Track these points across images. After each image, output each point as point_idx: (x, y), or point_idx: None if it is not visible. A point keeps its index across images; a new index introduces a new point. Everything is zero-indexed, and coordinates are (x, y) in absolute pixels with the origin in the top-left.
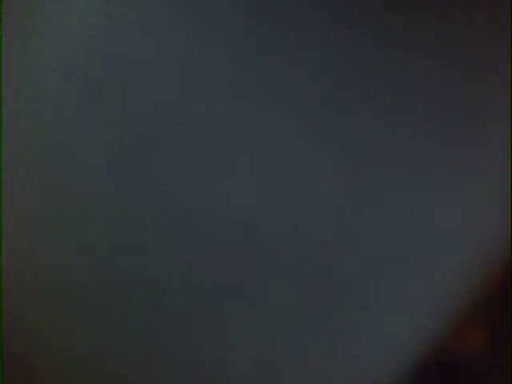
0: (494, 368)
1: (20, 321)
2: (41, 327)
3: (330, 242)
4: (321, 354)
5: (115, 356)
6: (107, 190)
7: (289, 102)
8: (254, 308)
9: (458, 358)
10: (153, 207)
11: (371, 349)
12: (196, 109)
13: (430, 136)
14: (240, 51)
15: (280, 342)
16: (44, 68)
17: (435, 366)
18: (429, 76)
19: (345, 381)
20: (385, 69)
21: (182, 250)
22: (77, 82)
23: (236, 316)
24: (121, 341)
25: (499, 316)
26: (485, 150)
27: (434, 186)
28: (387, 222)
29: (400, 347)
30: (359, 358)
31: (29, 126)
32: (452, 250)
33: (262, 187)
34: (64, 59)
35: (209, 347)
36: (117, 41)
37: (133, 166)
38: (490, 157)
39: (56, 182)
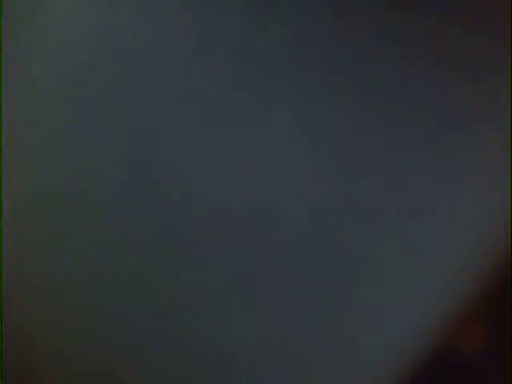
0: (493, 367)
1: (19, 323)
2: (40, 328)
3: (329, 241)
4: (319, 354)
5: (114, 356)
6: (106, 190)
7: (289, 99)
8: (254, 307)
9: (457, 357)
10: (151, 207)
11: (370, 348)
12: (196, 107)
13: (430, 134)
14: (240, 46)
15: (279, 342)
16: (43, 69)
17: (434, 366)
18: (429, 73)
19: (343, 381)
20: (386, 65)
21: (180, 249)
22: (76, 83)
23: (236, 315)
24: (119, 341)
25: (499, 315)
26: (485, 149)
27: (434, 185)
28: (386, 221)
29: (399, 346)
30: (358, 358)
31: (28, 127)
32: (452, 249)
33: (260, 186)
34: (63, 60)
35: (208, 346)
36: (116, 41)
37: (132, 165)
38: (490, 157)
39: (56, 183)
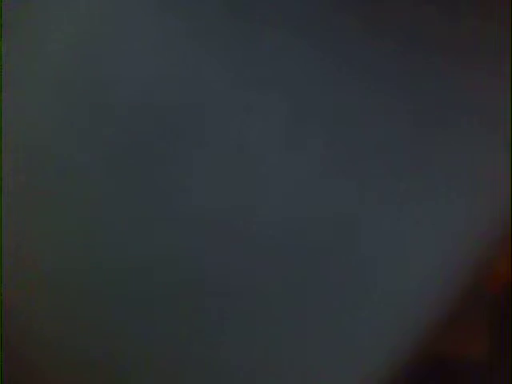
0: (495, 376)
1: (17, 315)
2: (37, 321)
3: (327, 242)
4: (317, 353)
5: (113, 348)
6: (104, 189)
7: (283, 88)
8: (254, 306)
9: (458, 364)
10: (144, 202)
11: (367, 351)
12: (189, 108)
13: (429, 135)
14: (231, 42)
15: (279, 344)
16: (37, 73)
17: (435, 372)
18: (427, 69)
19: (342, 382)
20: (383, 62)
21: (181, 247)
22: (70, 86)
23: (236, 315)
24: (119, 334)
25: (503, 321)
26: (484, 150)
27: (434, 184)
28: (385, 221)
29: (396, 349)
30: (355, 359)
31: (23, 128)
32: (452, 249)
33: (260, 187)
34: (57, 63)
35: (207, 341)
36: (110, 44)
37: (127, 165)
38: (491, 157)
39: (52, 180)
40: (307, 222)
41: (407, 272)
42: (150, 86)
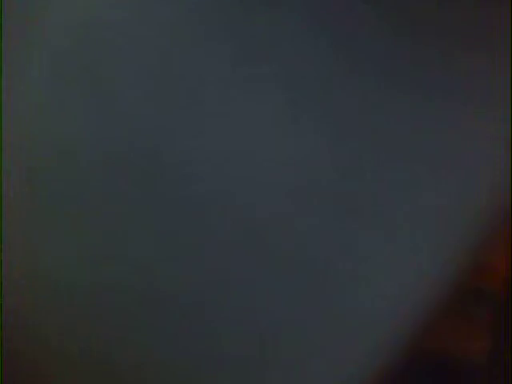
0: (495, 376)
1: (20, 318)
2: (38, 321)
3: (325, 238)
4: (314, 350)
5: (115, 352)
6: (105, 182)
7: (285, 86)
8: (248, 298)
9: (458, 364)
10: (147, 190)
11: (365, 350)
12: (189, 95)
13: (428, 132)
14: (235, 32)
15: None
16: (38, 69)
17: (435, 372)
18: (426, 61)
19: (340, 378)
20: (385, 51)
21: (182, 242)
22: (70, 75)
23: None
24: (121, 336)
25: (503, 321)
26: (485, 146)
27: (434, 182)
28: (381, 215)
29: (394, 348)
30: (351, 359)
31: (22, 120)
32: (451, 247)
33: (256, 172)
34: (60, 59)
35: (209, 338)
36: (110, 30)
37: (127, 165)
38: (491, 153)
39: (53, 178)
40: (306, 206)
41: (405, 270)
42: (149, 79)
